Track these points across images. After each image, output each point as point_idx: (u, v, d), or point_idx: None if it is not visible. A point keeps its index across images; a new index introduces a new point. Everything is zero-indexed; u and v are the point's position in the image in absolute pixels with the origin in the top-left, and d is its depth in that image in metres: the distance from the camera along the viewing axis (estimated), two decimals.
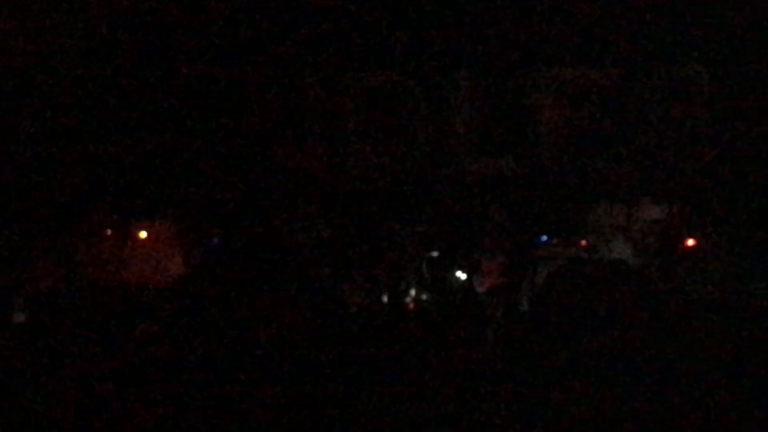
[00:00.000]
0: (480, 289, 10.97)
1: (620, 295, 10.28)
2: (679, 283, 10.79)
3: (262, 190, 11.88)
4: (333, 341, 10.51)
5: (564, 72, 11.84)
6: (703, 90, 11.80)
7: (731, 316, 10.22)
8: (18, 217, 11.13)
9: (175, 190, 11.78)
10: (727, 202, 11.32)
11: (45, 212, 11.25)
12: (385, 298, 11.24)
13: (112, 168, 11.74)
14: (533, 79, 11.97)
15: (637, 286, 10.58)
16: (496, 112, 12.07)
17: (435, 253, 11.28)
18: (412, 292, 11.18)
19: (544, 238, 11.23)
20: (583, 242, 11.02)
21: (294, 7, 12.18)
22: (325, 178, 12.07)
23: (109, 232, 11.45)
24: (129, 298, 10.92)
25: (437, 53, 11.96)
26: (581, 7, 11.63)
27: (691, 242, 10.96)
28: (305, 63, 12.12)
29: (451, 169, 12.11)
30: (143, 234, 11.49)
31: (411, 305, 11.21)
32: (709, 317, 10.17)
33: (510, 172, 11.98)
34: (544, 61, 11.81)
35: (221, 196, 11.83)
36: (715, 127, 11.83)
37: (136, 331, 10.58)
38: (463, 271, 11.09)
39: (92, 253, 11.32)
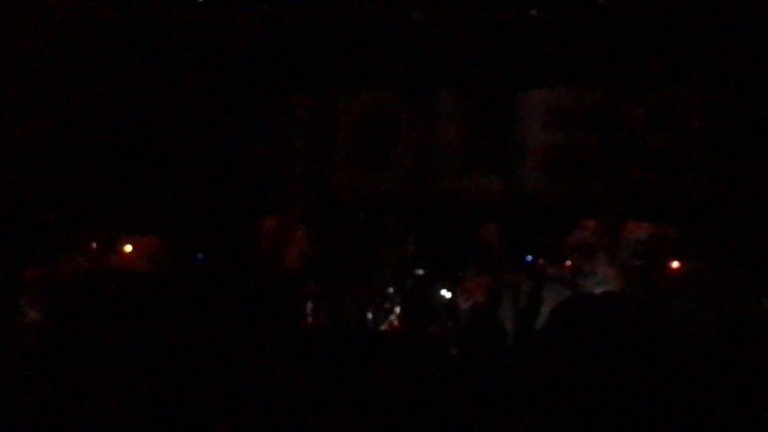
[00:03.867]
0: (463, 306, 10.92)
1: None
2: (663, 305, 10.72)
3: (249, 206, 11.89)
4: (320, 359, 10.45)
5: (551, 92, 11.84)
6: (693, 112, 11.80)
7: (715, 340, 10.15)
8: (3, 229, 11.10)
9: (161, 203, 11.78)
10: (715, 225, 11.29)
11: (29, 223, 11.21)
12: (369, 315, 11.21)
13: (100, 179, 11.75)
14: (520, 99, 11.98)
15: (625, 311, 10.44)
16: (483, 132, 12.07)
17: (420, 271, 11.26)
18: (397, 309, 11.16)
19: (529, 257, 11.22)
20: (568, 262, 10.95)
21: (284, 28, 12.21)
22: (311, 196, 12.07)
23: (94, 245, 11.39)
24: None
25: (426, 72, 11.97)
26: (569, 28, 11.65)
27: (676, 264, 10.90)
28: (295, 82, 12.15)
29: (437, 188, 12.10)
30: (129, 248, 11.42)
31: (396, 323, 11.17)
32: (693, 341, 10.08)
33: (496, 191, 11.98)
34: (531, 81, 11.83)
35: (206, 210, 11.84)
36: (702, 148, 11.84)
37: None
38: (448, 290, 11.06)
39: (76, 266, 11.23)
